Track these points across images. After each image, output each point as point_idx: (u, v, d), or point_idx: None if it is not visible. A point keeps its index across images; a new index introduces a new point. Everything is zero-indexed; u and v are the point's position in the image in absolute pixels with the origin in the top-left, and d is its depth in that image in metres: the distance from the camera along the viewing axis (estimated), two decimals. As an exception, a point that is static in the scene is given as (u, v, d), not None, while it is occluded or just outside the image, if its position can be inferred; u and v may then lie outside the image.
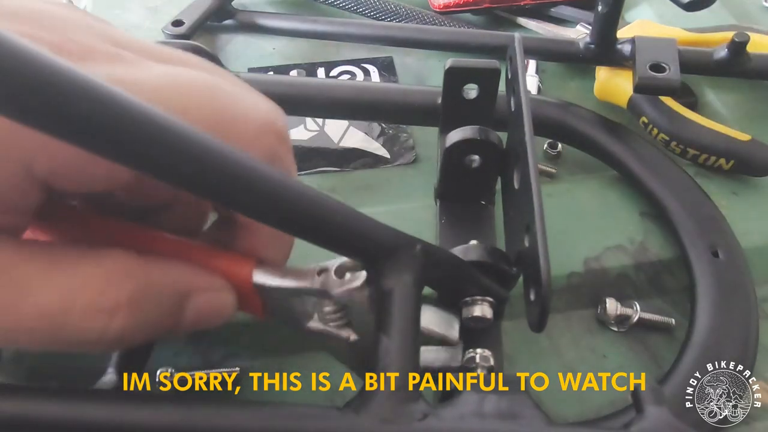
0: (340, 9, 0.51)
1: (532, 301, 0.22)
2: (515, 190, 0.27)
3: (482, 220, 0.33)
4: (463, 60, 0.32)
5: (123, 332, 0.18)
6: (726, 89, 0.43)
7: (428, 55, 0.47)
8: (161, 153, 0.15)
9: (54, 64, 0.13)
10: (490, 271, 0.25)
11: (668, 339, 0.32)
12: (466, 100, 0.33)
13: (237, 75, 0.37)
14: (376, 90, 0.37)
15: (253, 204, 0.17)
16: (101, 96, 0.14)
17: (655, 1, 0.50)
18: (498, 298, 0.25)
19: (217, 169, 0.16)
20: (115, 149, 0.14)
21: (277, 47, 0.48)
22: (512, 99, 0.29)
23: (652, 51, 0.37)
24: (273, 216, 0.18)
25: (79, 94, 0.13)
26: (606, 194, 0.36)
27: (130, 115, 0.14)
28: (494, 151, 0.30)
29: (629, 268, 0.33)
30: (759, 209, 0.36)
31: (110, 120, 0.14)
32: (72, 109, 0.13)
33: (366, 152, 0.40)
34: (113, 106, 0.14)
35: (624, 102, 0.40)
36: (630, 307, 0.32)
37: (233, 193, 0.17)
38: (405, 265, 0.21)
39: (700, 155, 0.37)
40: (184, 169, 0.15)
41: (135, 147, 0.14)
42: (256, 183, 0.17)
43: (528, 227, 0.23)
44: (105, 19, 0.20)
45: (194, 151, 0.15)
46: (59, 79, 0.13)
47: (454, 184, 0.33)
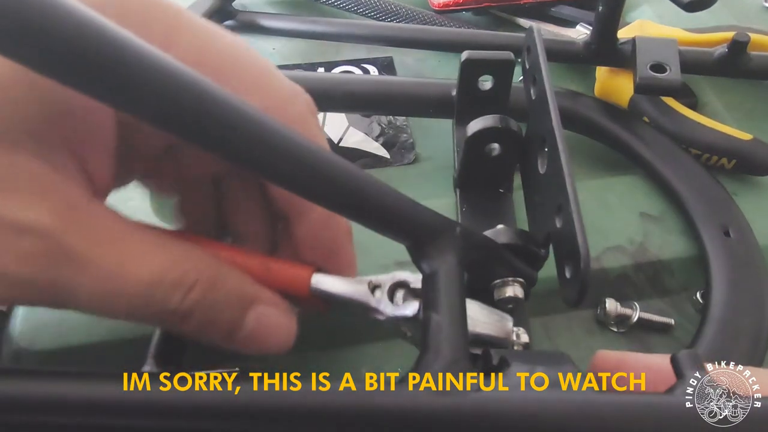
0: (340, 9, 0.51)
1: (569, 278, 0.23)
2: (541, 175, 0.27)
3: (502, 207, 0.34)
4: (479, 52, 0.32)
5: (193, 307, 0.19)
6: (726, 89, 0.43)
7: (428, 55, 0.47)
8: (217, 127, 0.16)
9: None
10: (520, 253, 0.26)
11: (668, 339, 0.32)
12: (481, 91, 0.33)
13: None
14: (390, 83, 0.38)
15: (307, 183, 0.18)
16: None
17: (655, 2, 0.50)
18: (528, 278, 0.26)
19: (274, 146, 0.17)
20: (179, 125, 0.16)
21: (276, 47, 0.48)
22: (532, 88, 0.29)
23: (652, 51, 0.37)
24: (326, 195, 0.19)
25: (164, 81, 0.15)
26: (605, 195, 0.36)
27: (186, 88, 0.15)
28: (514, 139, 0.31)
29: (629, 269, 0.33)
30: (761, 208, 0.36)
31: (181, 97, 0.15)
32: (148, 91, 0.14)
33: (366, 152, 0.40)
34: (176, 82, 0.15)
35: (625, 102, 0.40)
36: (630, 307, 0.32)
37: (290, 171, 0.18)
38: (448, 246, 0.21)
39: (702, 155, 0.37)
40: (237, 143, 0.16)
41: (193, 120, 0.15)
42: (311, 162, 0.18)
43: (560, 207, 0.24)
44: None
45: (253, 128, 0.16)
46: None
47: (474, 173, 0.33)
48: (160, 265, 0.19)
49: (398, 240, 0.21)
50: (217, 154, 0.17)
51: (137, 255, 0.19)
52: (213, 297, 0.20)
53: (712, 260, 0.32)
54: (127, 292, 0.18)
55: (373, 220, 0.20)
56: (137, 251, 0.19)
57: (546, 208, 0.26)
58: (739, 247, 0.33)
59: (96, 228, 0.18)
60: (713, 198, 0.35)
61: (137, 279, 0.18)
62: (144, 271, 0.18)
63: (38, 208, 0.17)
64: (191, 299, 0.19)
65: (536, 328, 0.31)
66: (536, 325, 0.32)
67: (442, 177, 0.38)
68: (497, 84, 0.33)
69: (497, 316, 0.24)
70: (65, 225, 0.17)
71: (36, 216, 0.17)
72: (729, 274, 0.31)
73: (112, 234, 0.18)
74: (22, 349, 0.28)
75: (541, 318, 0.32)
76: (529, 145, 0.30)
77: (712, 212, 0.34)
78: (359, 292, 0.22)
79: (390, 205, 0.20)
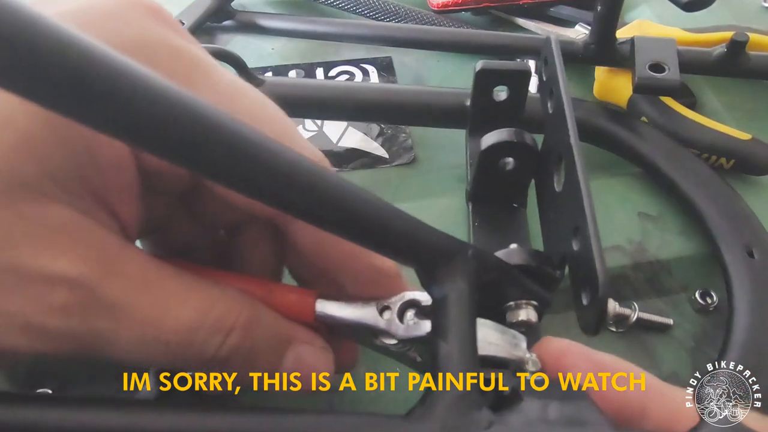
0: (340, 9, 0.51)
1: (586, 305, 0.22)
2: (557, 192, 0.26)
3: (516, 223, 0.33)
4: (494, 62, 0.32)
5: (232, 353, 0.19)
6: (725, 89, 0.43)
7: (427, 55, 0.47)
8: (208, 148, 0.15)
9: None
10: (534, 275, 0.24)
11: (667, 339, 0.32)
12: (496, 102, 0.33)
13: (263, 79, 0.37)
14: (401, 92, 0.37)
15: (310, 207, 0.17)
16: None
17: (654, 2, 0.50)
18: (542, 301, 0.24)
19: (275, 168, 0.16)
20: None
21: (276, 48, 0.48)
22: (549, 101, 0.28)
23: (651, 51, 0.37)
24: (329, 219, 0.18)
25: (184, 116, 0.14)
26: (604, 195, 0.36)
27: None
28: (529, 154, 0.30)
29: (628, 269, 0.33)
30: (760, 208, 0.36)
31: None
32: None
33: (365, 152, 0.40)
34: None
35: (624, 102, 0.40)
36: (628, 307, 0.32)
37: (291, 195, 0.17)
38: (459, 270, 0.20)
39: (701, 154, 0.37)
40: (228, 163, 0.15)
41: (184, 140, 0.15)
42: (315, 185, 0.17)
43: (577, 229, 0.23)
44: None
45: (252, 150, 0.16)
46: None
47: (487, 187, 0.32)
48: (198, 308, 0.18)
49: (406, 264, 0.21)
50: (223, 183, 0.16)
51: (174, 299, 0.18)
52: (251, 340, 0.19)
53: (735, 282, 0.31)
54: (166, 339, 0.18)
55: (378, 243, 0.19)
56: (174, 295, 0.18)
57: (562, 228, 0.25)
58: (764, 269, 0.31)
59: (130, 273, 0.18)
60: (737, 215, 0.33)
61: (176, 324, 0.18)
62: (183, 316, 0.18)
63: (70, 258, 0.16)
64: (230, 345, 0.19)
65: (535, 328, 0.31)
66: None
67: (441, 177, 0.38)
68: (512, 95, 0.32)
69: (510, 337, 0.23)
70: (99, 273, 0.17)
71: (68, 266, 0.16)
72: (753, 297, 0.30)
73: (146, 278, 0.18)
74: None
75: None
76: (545, 160, 0.29)
77: (736, 231, 0.32)
78: (367, 316, 0.21)
79: (395, 227, 0.19)
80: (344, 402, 0.28)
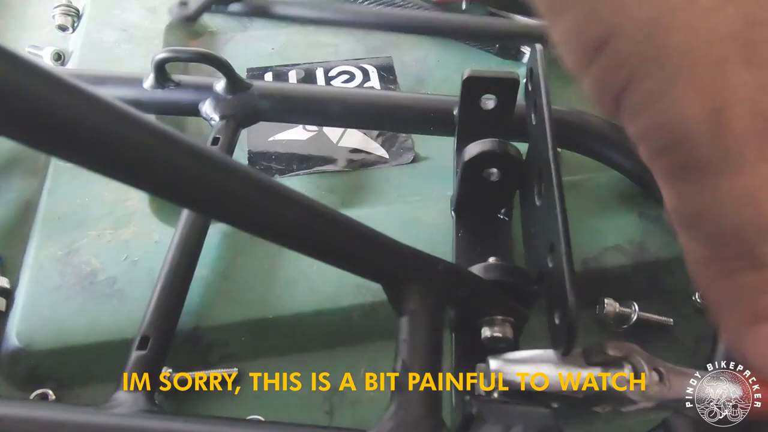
0: (344, 0, 0.50)
1: (557, 324, 0.22)
2: (537, 206, 0.26)
3: (500, 234, 0.32)
4: (482, 70, 0.31)
5: None
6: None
7: (427, 54, 0.47)
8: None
9: None
10: (511, 290, 0.24)
11: (667, 339, 0.32)
12: (484, 110, 0.32)
13: (250, 83, 0.37)
14: (389, 98, 0.37)
15: (270, 225, 0.17)
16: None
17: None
18: (519, 317, 0.24)
19: (231, 185, 0.16)
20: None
21: (276, 47, 0.48)
22: (533, 113, 0.28)
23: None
24: (291, 238, 0.18)
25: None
26: (604, 195, 0.36)
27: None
28: (514, 165, 0.29)
29: (628, 269, 0.33)
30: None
31: None
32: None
33: (365, 152, 0.40)
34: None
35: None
36: (629, 307, 0.32)
37: (247, 213, 0.16)
38: (428, 286, 0.20)
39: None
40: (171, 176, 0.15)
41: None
42: (273, 201, 0.16)
43: (552, 247, 0.23)
44: None
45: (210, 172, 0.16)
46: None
47: (472, 197, 0.32)
48: None
49: (370, 279, 0.20)
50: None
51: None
52: None
53: None
54: None
55: (341, 260, 0.19)
56: None
57: (540, 244, 0.25)
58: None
59: None
60: None
61: None
62: None
63: None
64: None
65: (535, 327, 0.31)
66: (535, 323, 0.32)
67: (440, 177, 0.38)
68: (501, 103, 0.32)
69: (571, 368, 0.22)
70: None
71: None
72: None
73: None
74: (21, 349, 0.28)
75: (541, 317, 0.32)
76: (529, 172, 0.28)
77: None
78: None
79: (359, 244, 0.19)
80: (344, 402, 0.28)
